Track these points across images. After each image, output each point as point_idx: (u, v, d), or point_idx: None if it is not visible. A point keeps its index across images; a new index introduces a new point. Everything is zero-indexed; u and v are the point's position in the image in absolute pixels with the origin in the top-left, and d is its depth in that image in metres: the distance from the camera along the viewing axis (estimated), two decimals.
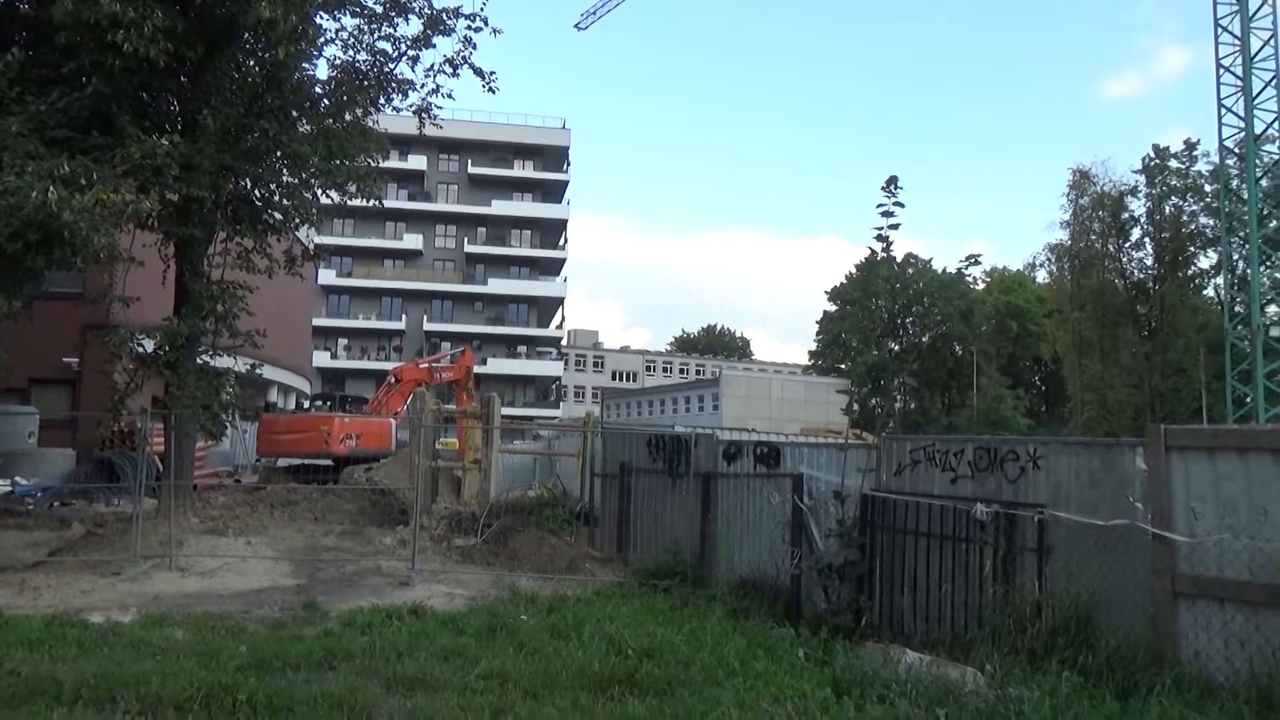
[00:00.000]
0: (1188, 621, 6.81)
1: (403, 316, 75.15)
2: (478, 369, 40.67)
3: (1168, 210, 58.19)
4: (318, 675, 6.83)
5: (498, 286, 76.50)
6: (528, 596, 10.21)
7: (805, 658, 7.59)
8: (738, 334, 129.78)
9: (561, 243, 79.96)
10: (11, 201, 10.06)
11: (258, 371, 16.96)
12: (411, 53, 15.06)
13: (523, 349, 77.89)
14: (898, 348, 75.95)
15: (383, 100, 15.38)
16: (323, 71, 17.32)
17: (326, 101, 15.02)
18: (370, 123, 15.51)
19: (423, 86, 15.28)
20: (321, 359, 66.74)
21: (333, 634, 8.32)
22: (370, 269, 75.95)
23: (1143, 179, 58.89)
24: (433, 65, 15.21)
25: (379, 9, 14.82)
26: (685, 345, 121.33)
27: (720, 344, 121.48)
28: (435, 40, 14.92)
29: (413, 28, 15.04)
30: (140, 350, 14.71)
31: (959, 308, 75.17)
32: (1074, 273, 61.47)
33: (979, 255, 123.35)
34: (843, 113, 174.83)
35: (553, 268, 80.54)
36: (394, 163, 54.56)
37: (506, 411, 31.80)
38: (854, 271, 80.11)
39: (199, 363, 14.44)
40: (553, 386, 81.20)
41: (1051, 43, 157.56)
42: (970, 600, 8.10)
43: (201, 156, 12.75)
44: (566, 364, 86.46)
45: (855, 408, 64.80)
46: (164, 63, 12.32)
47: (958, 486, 8.63)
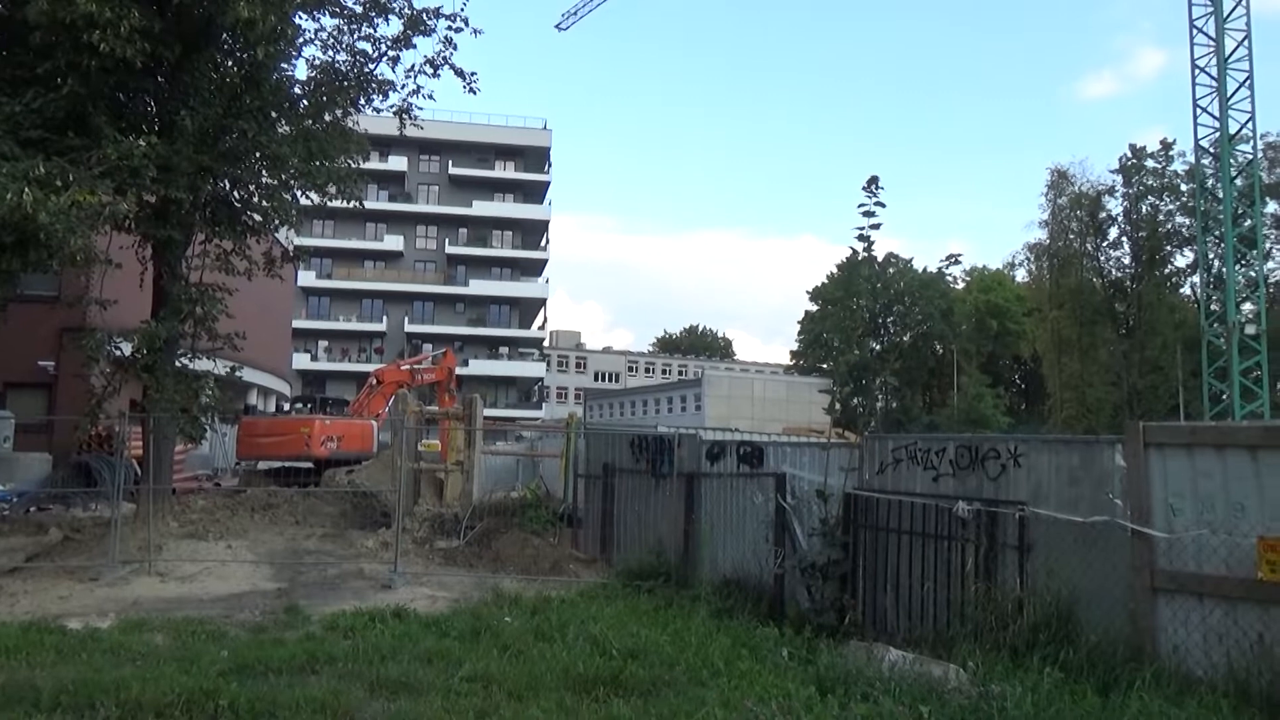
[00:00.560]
0: (1167, 616, 6.88)
1: (384, 318, 74.86)
2: (459, 370, 40.65)
3: (1144, 210, 58.95)
4: (300, 679, 6.77)
5: (479, 288, 76.32)
6: (511, 598, 10.15)
7: (789, 657, 7.61)
8: (719, 334, 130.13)
9: (543, 243, 79.81)
10: None
11: (237, 374, 16.86)
12: (392, 53, 15.06)
13: (505, 350, 77.70)
14: (879, 347, 76.22)
15: (363, 101, 15.32)
16: (302, 72, 17.31)
17: (306, 102, 14.96)
18: (350, 123, 15.46)
19: (403, 87, 15.29)
20: (302, 361, 66.30)
21: (315, 638, 8.25)
22: (351, 270, 75.59)
23: (1120, 179, 59.69)
24: (413, 66, 15.21)
25: (359, 9, 14.78)
26: (667, 346, 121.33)
27: (702, 344, 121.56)
28: (415, 41, 14.95)
29: (393, 28, 15.03)
30: (118, 353, 14.57)
31: (939, 307, 75.56)
32: (1053, 272, 62.09)
33: (959, 255, 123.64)
34: (822, 113, 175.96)
35: (534, 269, 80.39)
36: (374, 164, 54.32)
37: (489, 413, 31.76)
38: (835, 271, 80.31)
39: (178, 366, 14.34)
40: (535, 387, 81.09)
41: (1029, 43, 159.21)
42: (953, 598, 8.14)
43: (179, 157, 12.66)
44: (549, 365, 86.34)
45: (837, 407, 64.94)
46: (141, 63, 12.20)
47: (940, 485, 8.68)
